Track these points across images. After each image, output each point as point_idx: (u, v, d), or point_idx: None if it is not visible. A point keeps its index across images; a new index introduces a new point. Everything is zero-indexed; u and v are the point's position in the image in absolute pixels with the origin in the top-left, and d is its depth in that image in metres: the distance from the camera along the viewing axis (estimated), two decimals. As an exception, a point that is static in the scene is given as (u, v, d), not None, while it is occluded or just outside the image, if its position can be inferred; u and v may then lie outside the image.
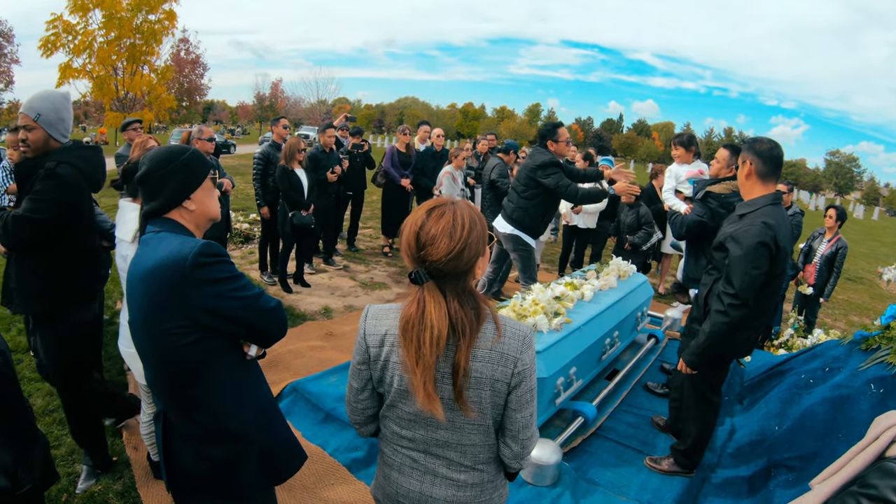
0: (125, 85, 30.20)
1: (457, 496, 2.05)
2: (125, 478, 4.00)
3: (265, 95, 78.69)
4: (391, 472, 2.12)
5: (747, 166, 3.68)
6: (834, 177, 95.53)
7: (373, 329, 2.00)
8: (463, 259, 1.82)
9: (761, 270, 3.49)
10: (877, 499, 1.33)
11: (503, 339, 1.91)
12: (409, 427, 2.02)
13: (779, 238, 3.48)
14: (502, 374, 1.89)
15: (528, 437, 2.03)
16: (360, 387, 2.08)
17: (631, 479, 4.23)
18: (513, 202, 6.58)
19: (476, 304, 1.90)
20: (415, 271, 1.83)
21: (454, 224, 1.82)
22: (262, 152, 8.20)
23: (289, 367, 5.65)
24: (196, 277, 2.01)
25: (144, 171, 2.19)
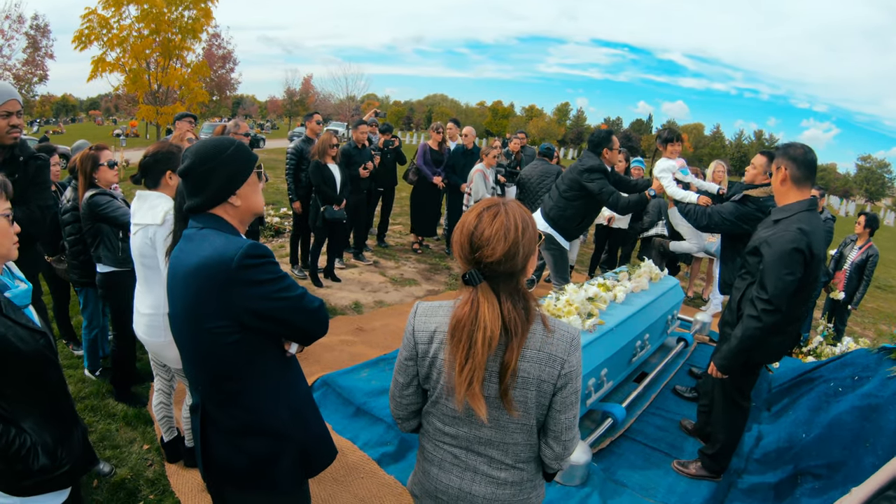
0: (158, 79, 30.48)
1: (496, 494, 2.07)
2: (156, 465, 4.05)
3: (295, 91, 79.03)
4: (431, 468, 2.15)
5: (782, 172, 3.68)
6: (865, 182, 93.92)
7: (422, 326, 2.03)
8: (518, 259, 1.85)
9: (795, 276, 3.49)
10: None
11: (552, 340, 1.93)
12: (452, 424, 2.05)
13: (813, 245, 3.48)
14: (549, 374, 1.92)
15: (571, 438, 2.05)
16: (405, 382, 2.11)
17: (658, 481, 4.24)
18: (552, 199, 6.55)
19: (527, 303, 1.92)
20: (469, 272, 1.86)
21: (507, 225, 1.84)
22: (295, 147, 8.24)
23: (319, 361, 5.71)
24: (241, 279, 2.02)
25: (188, 165, 2.15)
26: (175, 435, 4.04)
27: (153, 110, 30.19)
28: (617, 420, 4.59)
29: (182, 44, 30.72)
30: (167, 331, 3.38)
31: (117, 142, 29.65)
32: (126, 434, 4.35)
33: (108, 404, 4.68)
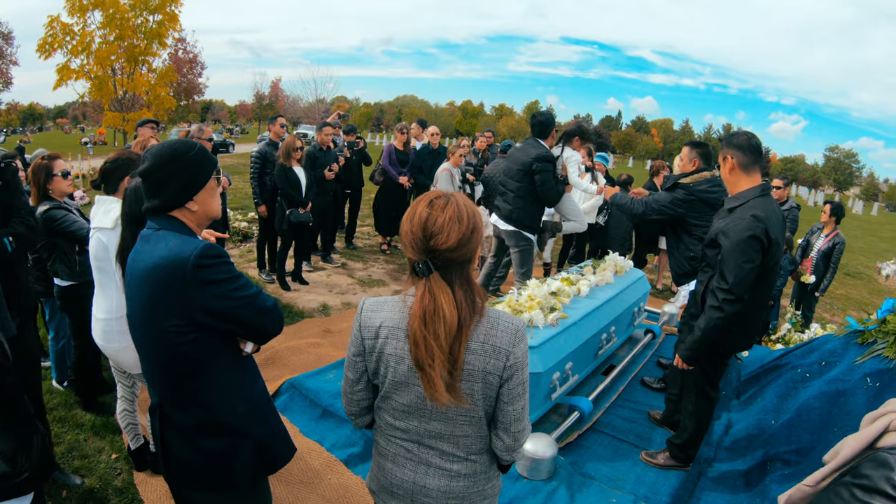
0: (124, 85, 30.17)
1: (450, 486, 2.07)
2: (124, 473, 4.03)
3: (265, 94, 78.68)
4: (385, 463, 2.15)
5: (729, 161, 3.71)
6: (833, 172, 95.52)
7: (368, 321, 2.02)
8: (471, 245, 1.87)
9: (754, 264, 3.49)
10: (870, 489, 1.34)
11: (496, 333, 1.92)
12: (402, 418, 2.04)
13: (770, 230, 3.49)
14: (494, 366, 1.91)
15: (520, 429, 2.05)
16: (355, 378, 2.11)
17: (627, 472, 4.25)
18: (510, 203, 6.56)
19: (474, 294, 1.92)
20: (420, 262, 1.86)
21: (460, 213, 1.86)
22: (259, 151, 8.21)
23: (287, 364, 5.67)
24: (197, 278, 2.04)
25: (147, 167, 2.17)
26: (142, 442, 4.01)
27: (120, 117, 29.87)
28: (584, 413, 4.59)
29: (148, 49, 30.42)
30: (123, 335, 3.37)
31: (84, 150, 29.29)
32: (94, 444, 4.34)
33: (77, 415, 4.67)
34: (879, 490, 1.32)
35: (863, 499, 1.34)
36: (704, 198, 4.89)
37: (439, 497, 2.08)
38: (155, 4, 29.67)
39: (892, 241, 31.56)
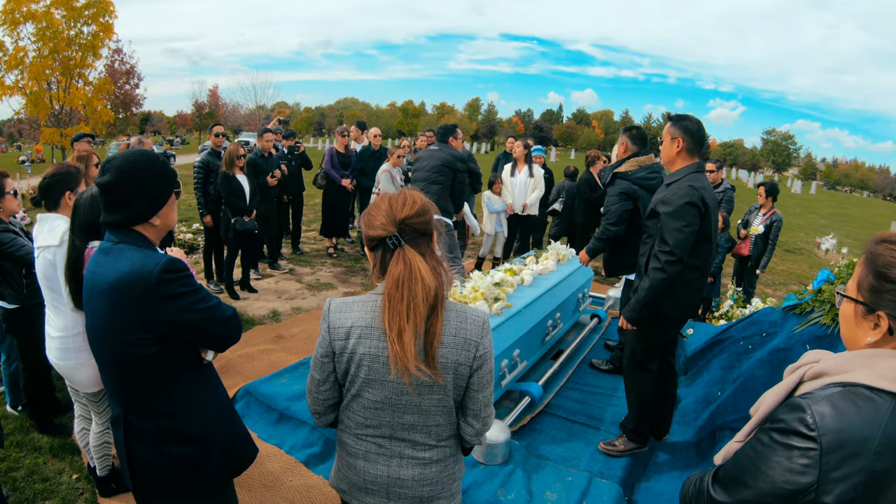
0: (60, 99, 29.33)
1: (423, 474, 2.13)
2: (87, 493, 3.98)
3: (203, 103, 77.28)
4: (356, 462, 2.17)
5: (678, 143, 3.85)
6: (771, 155, 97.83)
7: (337, 322, 2.05)
8: (429, 215, 2.01)
9: (692, 227, 3.68)
10: (786, 431, 1.43)
11: (466, 325, 2.01)
12: (374, 415, 2.08)
13: (706, 197, 3.72)
14: (465, 357, 2.00)
15: (488, 414, 2.15)
16: (322, 378, 2.12)
17: (580, 452, 4.36)
18: (434, 195, 6.81)
19: (441, 268, 2.01)
20: (392, 236, 1.93)
21: (413, 194, 2.04)
22: (201, 161, 8.12)
23: (241, 372, 5.64)
24: (160, 293, 2.05)
25: (111, 180, 2.15)
26: (110, 469, 3.91)
27: (57, 133, 28.97)
28: (534, 398, 4.70)
29: (83, 61, 29.59)
30: (79, 352, 3.39)
31: (23, 169, 28.39)
32: (54, 466, 4.26)
33: (34, 438, 4.57)
34: (794, 431, 1.42)
35: (780, 440, 1.45)
36: (645, 185, 5.04)
37: (414, 486, 2.13)
38: (89, 15, 28.83)
39: (830, 217, 32.55)
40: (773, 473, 1.43)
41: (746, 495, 1.49)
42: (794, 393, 1.60)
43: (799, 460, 1.39)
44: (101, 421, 3.69)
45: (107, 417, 3.71)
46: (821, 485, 1.36)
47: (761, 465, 1.47)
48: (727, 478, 1.58)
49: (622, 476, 4.06)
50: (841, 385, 1.46)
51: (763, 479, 1.45)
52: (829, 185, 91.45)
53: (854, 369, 1.47)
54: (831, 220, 30.02)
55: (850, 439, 1.36)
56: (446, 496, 2.22)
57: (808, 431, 1.39)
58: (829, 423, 1.38)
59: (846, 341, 1.62)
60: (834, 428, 1.37)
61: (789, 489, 1.40)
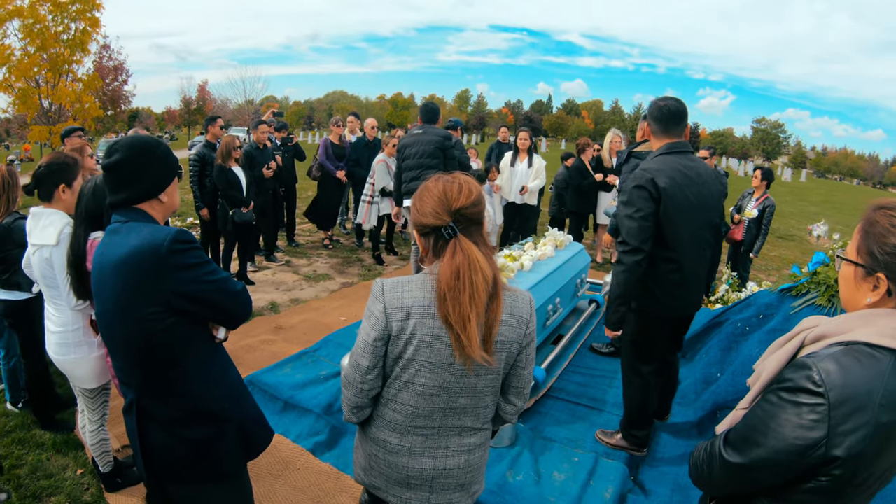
0: (49, 96, 28.97)
1: (468, 460, 2.17)
2: (92, 488, 3.94)
3: (192, 99, 76.81)
4: (399, 459, 2.13)
5: (645, 126, 3.88)
6: (761, 143, 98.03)
7: (395, 302, 1.99)
8: (483, 204, 2.03)
9: (643, 213, 3.51)
10: (793, 389, 1.50)
11: (517, 303, 2.06)
12: (428, 402, 2.06)
13: (658, 179, 3.50)
14: (517, 335, 2.05)
15: (528, 391, 2.23)
16: (371, 365, 2.04)
17: (584, 433, 4.44)
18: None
19: (493, 257, 2.03)
20: (447, 227, 1.95)
21: (468, 180, 2.04)
22: (197, 153, 8.12)
23: (242, 362, 5.65)
24: (172, 263, 2.06)
25: (120, 159, 2.18)
26: (112, 466, 3.89)
27: (46, 130, 28.63)
28: (538, 381, 4.73)
29: (71, 57, 29.17)
30: (79, 347, 3.39)
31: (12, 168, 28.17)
32: (58, 462, 4.22)
33: (35, 435, 4.53)
34: (802, 388, 1.48)
35: (789, 398, 1.51)
36: None
37: (459, 474, 2.16)
38: (75, 10, 28.42)
39: (821, 204, 32.73)
40: (783, 430, 1.50)
41: (759, 454, 1.55)
42: (797, 357, 1.67)
43: (808, 416, 1.45)
44: (95, 418, 3.67)
45: (101, 414, 3.71)
46: (830, 438, 1.43)
47: (772, 424, 1.53)
48: (738, 439, 1.64)
49: (627, 456, 4.13)
50: (843, 344, 1.53)
51: (774, 437, 1.52)
52: (819, 173, 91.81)
53: (854, 329, 1.54)
54: (822, 208, 30.21)
55: (856, 393, 1.43)
56: (479, 480, 2.28)
57: (815, 388, 1.45)
58: (835, 379, 1.44)
59: (845, 303, 1.68)
60: (840, 383, 1.44)
61: (801, 444, 1.46)
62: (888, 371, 1.45)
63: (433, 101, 7.36)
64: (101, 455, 3.77)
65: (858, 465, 1.45)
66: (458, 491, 2.19)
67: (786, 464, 1.51)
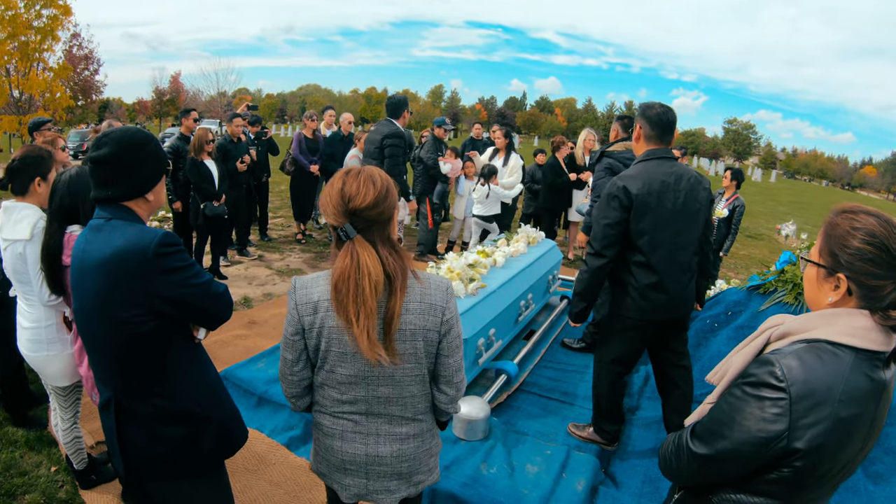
0: (20, 85, 28.38)
1: (402, 450, 2.19)
2: (67, 485, 3.90)
3: (164, 90, 75.77)
4: (333, 442, 2.20)
5: (636, 129, 3.81)
6: (732, 143, 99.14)
7: (304, 298, 2.06)
8: (387, 203, 1.99)
9: (610, 220, 3.61)
10: (757, 384, 1.57)
11: (430, 291, 2.06)
12: (349, 390, 2.11)
13: (630, 187, 3.56)
14: (433, 323, 2.05)
15: (461, 379, 2.21)
16: (294, 358, 2.13)
17: (557, 427, 4.50)
18: None
19: (400, 254, 2.03)
20: (342, 227, 1.95)
21: (373, 177, 2.00)
22: (170, 146, 8.03)
23: (216, 357, 5.60)
24: (158, 267, 2.03)
25: (110, 153, 2.12)
26: (87, 463, 3.84)
27: (15, 120, 28.00)
28: (510, 375, 4.83)
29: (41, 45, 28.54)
30: (52, 344, 3.34)
31: (-21, 158, 27.63)
32: (31, 459, 4.16)
33: (8, 432, 4.45)
34: (765, 383, 1.55)
35: (752, 393, 1.58)
36: (629, 164, 5.14)
37: (393, 463, 2.19)
38: (46, -2, 27.78)
39: (790, 204, 33.27)
40: (747, 423, 1.56)
41: (724, 445, 1.62)
42: (762, 353, 1.74)
43: (771, 409, 1.52)
44: (68, 416, 3.63)
45: (74, 412, 3.67)
46: (792, 431, 1.50)
47: (736, 417, 1.60)
48: (705, 432, 1.71)
49: (598, 449, 4.21)
50: (805, 341, 1.61)
51: (739, 430, 1.58)
52: (788, 174, 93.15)
53: (816, 327, 1.61)
54: (791, 208, 30.72)
55: (817, 388, 1.50)
56: (424, 471, 2.29)
57: (777, 382, 1.52)
58: (797, 375, 1.51)
59: (809, 302, 1.75)
60: (801, 378, 1.51)
61: (763, 437, 1.53)
62: (848, 368, 1.52)
63: (399, 95, 7.28)
64: (75, 452, 3.73)
65: (819, 458, 1.51)
66: (395, 479, 2.23)
67: (749, 455, 1.57)
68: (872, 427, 1.60)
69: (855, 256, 1.56)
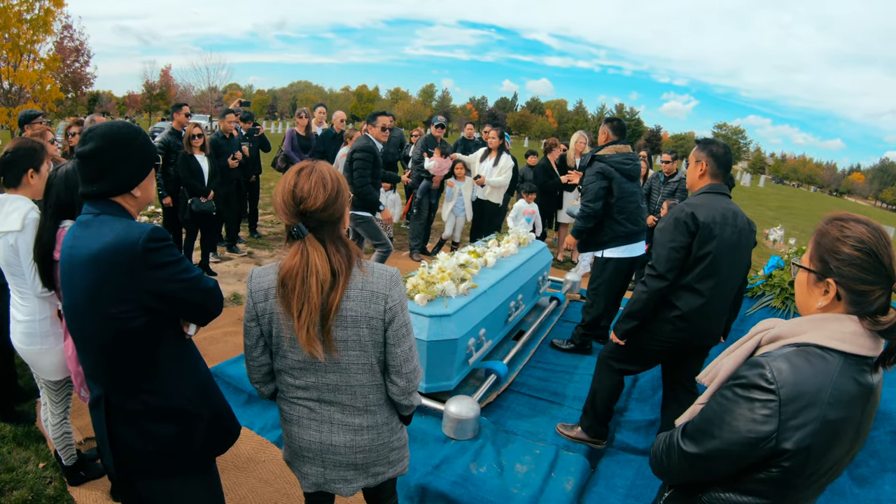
0: (10, 76, 28.11)
1: (355, 441, 2.23)
2: (55, 481, 3.87)
3: (154, 84, 75.34)
4: (291, 428, 2.27)
5: (702, 166, 3.76)
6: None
7: (257, 286, 2.14)
8: (337, 205, 2.05)
9: (677, 244, 3.59)
10: (747, 385, 1.61)
11: (371, 279, 2.09)
12: (300, 375, 2.17)
13: (698, 214, 3.56)
14: (375, 311, 2.08)
15: (411, 370, 2.23)
16: (252, 344, 2.21)
17: (546, 426, 4.53)
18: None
19: (348, 249, 2.09)
20: (295, 227, 2.00)
21: (324, 177, 2.04)
22: (161, 140, 8.00)
23: (206, 353, 5.56)
24: (147, 262, 2.02)
25: (95, 148, 2.11)
26: (76, 459, 3.81)
27: (5, 112, 27.69)
28: (500, 375, 4.85)
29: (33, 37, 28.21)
30: (46, 338, 3.32)
31: (-32, 150, 27.21)
32: (19, 455, 4.12)
33: None
34: (755, 385, 1.59)
35: (743, 394, 1.62)
36: (620, 168, 5.37)
37: (347, 453, 2.23)
38: (39, -11, 27.44)
39: (778, 210, 33.40)
40: (737, 424, 1.60)
41: (714, 445, 1.66)
42: (753, 356, 1.78)
43: (760, 411, 1.56)
44: (58, 411, 3.62)
45: (64, 407, 3.65)
46: (780, 432, 1.53)
47: (726, 417, 1.64)
48: (695, 431, 1.74)
49: (587, 449, 4.25)
50: (795, 345, 1.65)
51: (729, 430, 1.62)
52: (777, 179, 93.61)
53: (806, 332, 1.65)
54: (779, 213, 30.85)
55: (805, 391, 1.54)
56: (383, 463, 2.33)
57: (767, 385, 1.56)
58: (786, 377, 1.55)
59: (800, 306, 1.80)
60: (790, 381, 1.55)
61: (752, 437, 1.56)
62: (836, 371, 1.56)
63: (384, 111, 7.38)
64: (65, 448, 3.71)
65: (807, 458, 1.55)
66: (351, 470, 2.27)
67: (739, 454, 1.61)
68: (859, 430, 1.64)
69: (844, 262, 1.61)
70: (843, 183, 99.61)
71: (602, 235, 5.54)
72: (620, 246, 5.54)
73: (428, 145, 9.92)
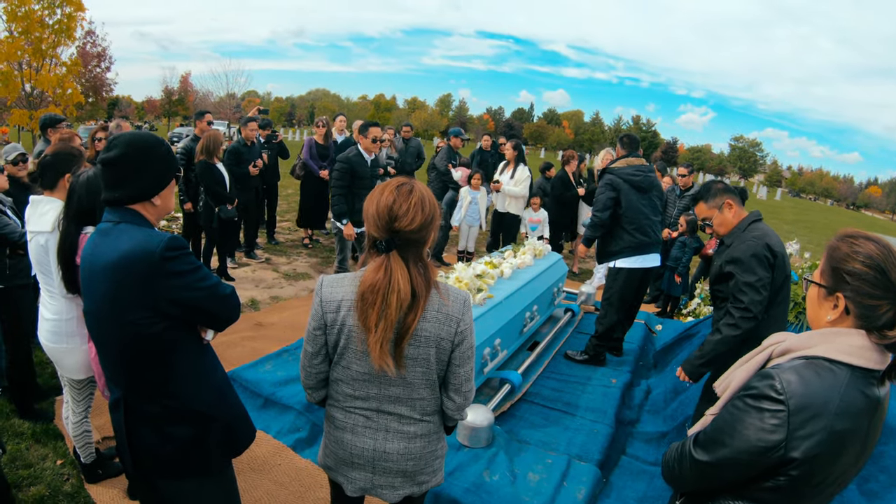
0: (32, 79, 28.40)
1: (408, 447, 2.26)
2: (72, 478, 3.93)
3: (173, 89, 75.62)
4: (344, 435, 2.29)
5: (734, 207, 3.82)
6: (738, 160, 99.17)
7: (329, 296, 2.15)
8: (430, 228, 2.09)
9: (765, 281, 3.55)
10: (758, 396, 1.66)
11: (448, 303, 2.14)
12: (362, 387, 2.21)
13: (772, 245, 3.57)
14: (447, 332, 2.13)
15: (469, 389, 2.29)
16: (314, 351, 2.23)
17: (558, 436, 4.55)
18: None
19: (427, 271, 2.12)
20: (383, 241, 2.03)
21: (423, 199, 2.08)
22: (184, 147, 8.10)
23: (222, 358, 5.51)
24: (164, 270, 2.05)
25: (119, 154, 2.15)
26: (94, 458, 3.87)
27: (27, 115, 27.96)
28: (514, 385, 4.90)
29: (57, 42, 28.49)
30: (71, 337, 3.38)
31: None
32: (37, 451, 4.19)
33: (14, 424, 4.47)
34: (765, 395, 1.65)
35: (753, 404, 1.67)
36: (630, 180, 5.49)
37: (399, 459, 2.26)
38: (61, -5, 27.77)
39: (794, 223, 33.27)
40: (747, 433, 1.66)
41: (725, 453, 1.71)
42: (764, 368, 1.83)
43: (769, 420, 1.62)
44: (80, 409, 3.68)
45: (86, 406, 3.72)
46: (789, 441, 1.59)
47: (737, 427, 1.69)
48: (707, 440, 1.80)
49: (599, 459, 4.25)
50: (805, 358, 1.71)
51: (739, 439, 1.67)
52: (793, 192, 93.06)
53: (816, 345, 1.71)
54: (795, 226, 30.74)
55: (813, 402, 1.59)
56: (428, 472, 2.36)
57: (776, 395, 1.62)
58: (795, 388, 1.61)
59: (811, 320, 1.85)
60: (799, 392, 1.60)
61: (762, 446, 1.62)
62: (844, 384, 1.62)
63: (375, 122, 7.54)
64: (84, 446, 3.77)
65: (814, 468, 1.61)
66: (400, 477, 2.30)
67: (748, 463, 1.67)
68: (866, 442, 1.70)
69: (854, 277, 1.66)
70: (860, 196, 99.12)
71: (613, 245, 5.67)
72: (631, 256, 5.62)
73: (450, 157, 10.04)
